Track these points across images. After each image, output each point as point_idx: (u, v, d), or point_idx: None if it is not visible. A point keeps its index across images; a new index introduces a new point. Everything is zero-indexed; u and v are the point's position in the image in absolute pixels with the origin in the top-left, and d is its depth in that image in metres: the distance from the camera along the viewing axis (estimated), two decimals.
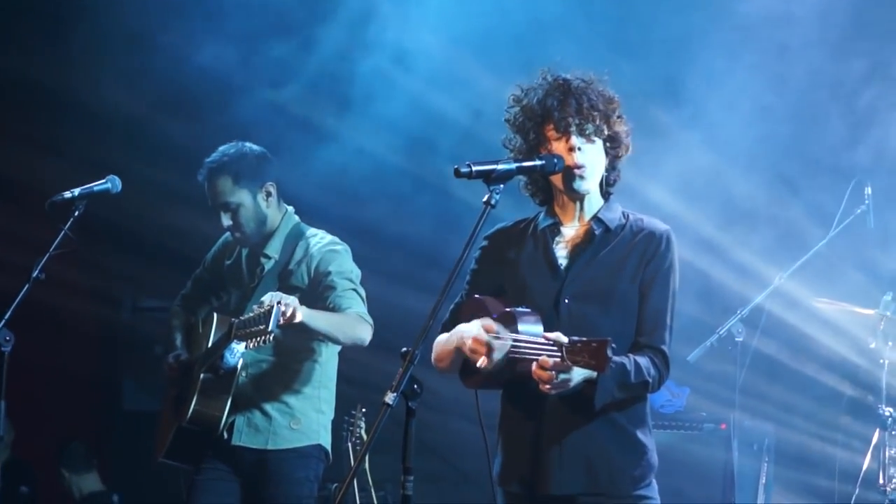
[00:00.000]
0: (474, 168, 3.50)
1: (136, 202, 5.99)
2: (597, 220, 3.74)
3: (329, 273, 4.87)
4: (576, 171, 3.67)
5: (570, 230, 3.76)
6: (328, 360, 5.01)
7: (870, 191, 6.43)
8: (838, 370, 6.96)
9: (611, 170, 3.78)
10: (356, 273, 4.96)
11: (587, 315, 3.63)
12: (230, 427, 4.90)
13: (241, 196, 4.96)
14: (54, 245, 4.62)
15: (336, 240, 5.02)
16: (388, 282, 7.14)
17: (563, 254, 3.73)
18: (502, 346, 3.50)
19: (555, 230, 3.77)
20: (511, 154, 3.74)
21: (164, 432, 5.10)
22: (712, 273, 7.03)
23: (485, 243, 3.83)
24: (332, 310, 4.81)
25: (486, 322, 3.55)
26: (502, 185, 3.52)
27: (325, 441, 5.01)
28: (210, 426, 4.86)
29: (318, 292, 4.88)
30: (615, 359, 3.38)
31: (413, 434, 3.35)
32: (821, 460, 6.96)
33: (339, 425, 6.95)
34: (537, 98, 3.69)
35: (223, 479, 4.96)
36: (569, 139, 3.67)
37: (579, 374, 3.44)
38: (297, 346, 4.93)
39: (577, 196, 3.74)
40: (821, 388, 7.07)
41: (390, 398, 3.29)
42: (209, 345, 4.92)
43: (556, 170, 3.66)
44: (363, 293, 4.93)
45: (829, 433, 7.00)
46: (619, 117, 3.73)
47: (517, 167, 3.60)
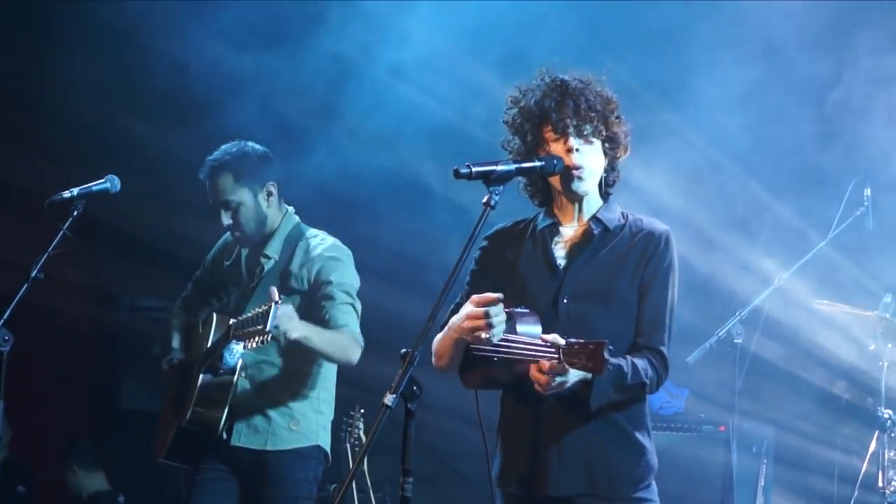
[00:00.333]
0: (474, 169, 3.49)
1: (134, 202, 5.97)
2: (595, 220, 3.74)
3: (329, 283, 4.86)
4: (574, 172, 3.67)
5: (569, 230, 3.76)
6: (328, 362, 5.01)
7: (869, 192, 6.43)
8: (837, 372, 6.96)
9: (610, 170, 3.77)
10: (355, 285, 4.96)
11: (586, 315, 3.63)
12: (229, 428, 4.90)
13: (242, 195, 4.95)
14: (53, 244, 4.61)
15: (338, 244, 5.01)
16: (388, 284, 7.15)
17: (561, 254, 3.73)
18: (498, 313, 3.47)
19: (553, 230, 3.76)
20: (510, 155, 3.73)
21: (165, 432, 5.10)
22: (711, 274, 7.03)
23: (484, 244, 3.83)
24: (327, 321, 4.81)
25: (473, 297, 3.53)
26: (502, 187, 3.51)
27: (325, 442, 5.00)
28: (210, 426, 4.86)
29: (315, 298, 4.87)
30: (611, 360, 3.37)
31: (412, 436, 3.34)
32: (820, 462, 6.96)
33: (338, 426, 6.95)
34: (535, 99, 3.68)
35: (222, 480, 4.95)
36: (567, 140, 3.66)
37: (575, 374, 3.44)
38: (297, 347, 4.93)
39: (576, 197, 3.73)
40: (820, 391, 7.07)
41: (389, 399, 3.28)
42: (208, 345, 4.92)
43: (556, 171, 3.66)
44: (359, 307, 4.94)
45: (828, 435, 7.00)
46: (617, 118, 3.72)
47: (516, 168, 3.59)
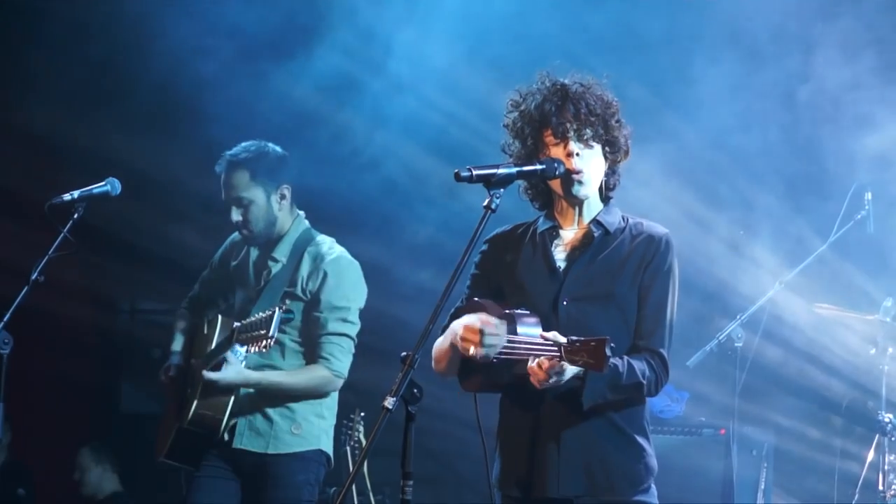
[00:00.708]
0: (475, 172, 3.49)
1: (134, 206, 5.97)
2: (596, 223, 3.74)
3: (327, 303, 4.89)
4: (574, 176, 3.67)
5: (569, 233, 3.76)
6: None
7: (870, 196, 6.43)
8: (838, 376, 6.95)
9: (610, 174, 3.77)
10: (357, 302, 4.97)
11: (586, 317, 3.63)
12: (231, 429, 4.91)
13: (255, 193, 4.96)
14: (53, 247, 4.61)
15: (346, 255, 5.02)
16: (387, 286, 7.15)
17: (561, 256, 3.73)
18: (495, 336, 3.47)
19: (554, 233, 3.76)
20: (510, 159, 3.73)
21: (166, 432, 5.10)
22: (712, 278, 7.02)
23: (484, 247, 3.83)
24: (316, 345, 4.86)
25: (482, 316, 3.53)
26: (503, 190, 3.52)
27: (327, 446, 5.01)
28: (211, 428, 4.86)
29: (311, 315, 4.90)
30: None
31: (412, 439, 3.34)
32: (820, 466, 6.95)
33: (338, 430, 6.94)
34: (535, 103, 3.68)
35: (223, 478, 4.97)
36: (567, 145, 3.66)
37: (571, 370, 3.44)
38: (306, 352, 4.94)
39: (577, 201, 3.74)
40: (820, 394, 7.07)
41: (390, 402, 3.28)
42: (212, 347, 4.92)
43: (557, 174, 3.66)
44: (354, 331, 4.95)
45: (829, 439, 6.99)
46: (617, 122, 3.72)
47: (517, 171, 3.59)
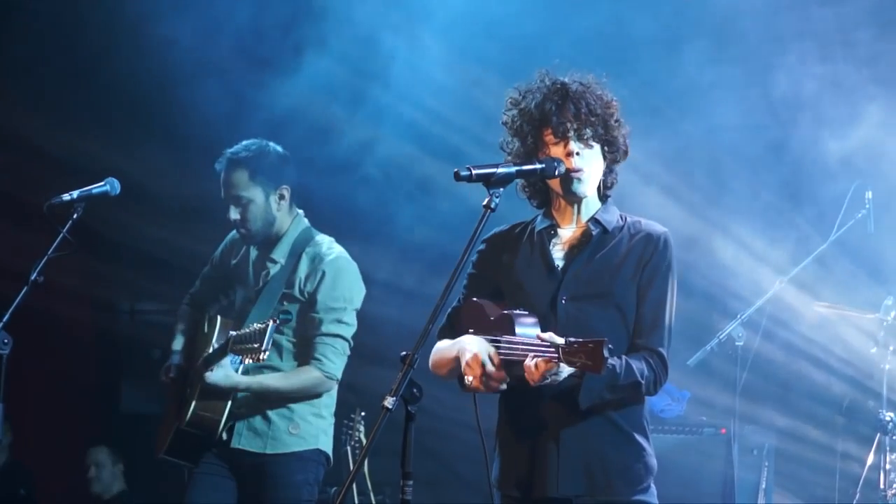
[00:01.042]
0: (474, 171, 3.49)
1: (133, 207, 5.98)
2: (594, 221, 3.74)
3: (324, 304, 4.90)
4: (574, 175, 3.67)
5: (568, 232, 3.75)
6: None
7: (870, 195, 6.43)
8: (838, 375, 6.95)
9: (608, 173, 3.77)
10: (354, 302, 4.98)
11: (584, 315, 3.63)
12: (230, 430, 4.91)
13: (255, 193, 4.96)
14: (52, 248, 4.60)
15: (344, 255, 5.02)
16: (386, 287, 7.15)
17: (559, 255, 3.72)
18: (495, 382, 3.50)
19: (552, 232, 3.76)
20: (508, 157, 3.73)
21: (166, 430, 5.11)
22: (712, 277, 7.02)
23: (482, 247, 3.82)
24: (310, 346, 4.87)
25: (491, 349, 3.53)
26: (502, 189, 3.51)
27: (325, 445, 5.01)
28: (209, 429, 4.87)
29: (307, 315, 4.92)
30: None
31: (412, 438, 3.33)
32: (821, 465, 6.95)
33: (339, 429, 6.94)
34: (535, 102, 3.67)
35: (220, 476, 4.97)
36: (567, 144, 3.66)
37: (567, 370, 3.44)
38: (300, 353, 4.93)
39: (576, 199, 3.73)
40: (821, 393, 7.06)
41: (389, 402, 3.28)
42: (211, 348, 4.92)
43: (557, 174, 3.65)
44: (349, 332, 4.96)
45: (830, 438, 6.99)
46: (617, 121, 3.72)
47: (517, 171, 3.59)
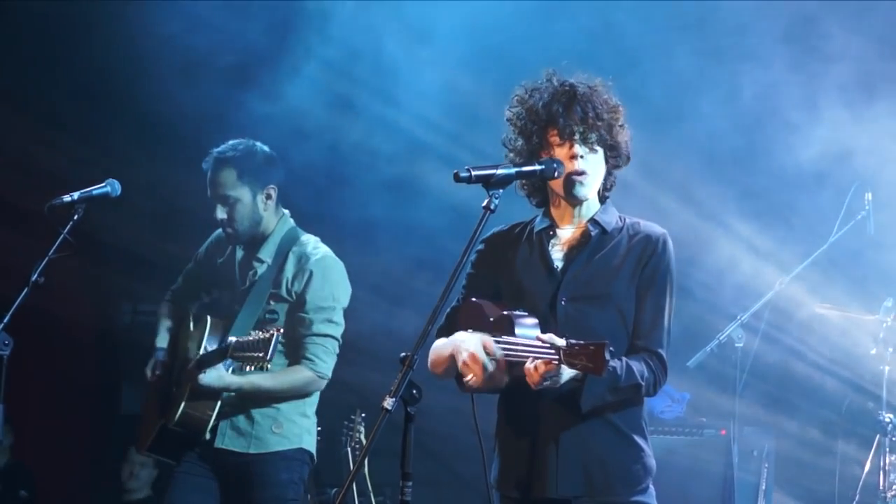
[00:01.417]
0: (474, 173, 3.49)
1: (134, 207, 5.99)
2: (593, 222, 3.74)
3: (315, 307, 4.90)
4: (576, 177, 3.68)
5: (567, 232, 3.76)
6: None
7: (870, 196, 6.43)
8: (838, 376, 6.94)
9: (608, 176, 3.78)
10: (342, 301, 4.98)
11: (584, 316, 3.63)
12: (214, 429, 4.91)
13: (242, 192, 4.96)
14: (53, 249, 4.61)
15: (330, 254, 5.02)
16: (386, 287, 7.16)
17: (559, 256, 3.73)
18: (499, 372, 3.50)
19: (551, 232, 3.77)
20: (510, 154, 3.74)
21: (149, 427, 5.10)
22: (712, 278, 7.03)
23: (481, 247, 3.83)
24: (300, 345, 4.87)
25: (486, 339, 3.53)
26: (501, 190, 3.52)
27: (309, 445, 5.02)
28: (197, 429, 4.87)
29: (296, 316, 4.92)
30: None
31: (412, 439, 3.34)
32: (821, 466, 6.94)
33: (339, 430, 6.95)
34: (543, 102, 3.68)
35: (203, 477, 4.96)
36: (572, 146, 3.67)
37: (568, 373, 3.44)
38: (290, 352, 4.95)
39: (576, 202, 3.74)
40: (821, 394, 7.06)
41: (389, 403, 3.28)
42: (201, 348, 4.91)
43: (556, 175, 3.66)
44: (339, 332, 4.96)
45: (830, 439, 6.98)
46: (621, 126, 3.73)
47: (516, 172, 3.60)
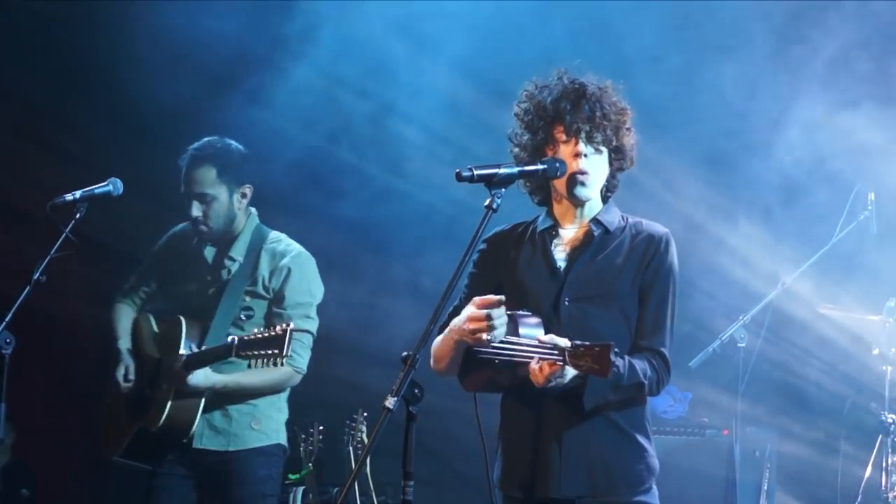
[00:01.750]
0: (476, 172, 3.49)
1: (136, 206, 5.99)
2: (596, 221, 3.74)
3: (294, 303, 4.94)
4: (579, 177, 3.67)
5: (569, 232, 3.76)
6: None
7: (873, 197, 6.42)
8: (841, 376, 6.94)
9: (611, 178, 3.78)
10: (317, 296, 5.02)
11: (587, 316, 3.63)
12: None
13: (220, 191, 4.98)
14: (55, 247, 4.61)
15: (303, 250, 5.06)
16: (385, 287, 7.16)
17: (561, 256, 3.73)
18: (500, 315, 3.47)
19: (553, 232, 3.77)
20: (515, 148, 3.74)
21: (117, 432, 5.06)
22: (715, 278, 7.02)
23: (483, 246, 3.82)
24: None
25: (475, 299, 3.52)
26: (503, 190, 3.51)
27: (284, 439, 5.06)
28: (182, 431, 4.87)
29: (276, 308, 4.95)
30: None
31: (413, 439, 3.34)
32: (823, 467, 6.94)
33: (340, 430, 6.94)
34: (551, 98, 3.68)
35: (180, 486, 4.97)
36: (577, 144, 3.67)
37: (572, 372, 3.44)
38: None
39: (578, 202, 3.74)
40: (824, 395, 7.05)
41: (391, 402, 3.28)
42: (180, 349, 4.87)
43: (558, 175, 3.66)
44: (315, 327, 4.99)
45: (832, 440, 6.97)
46: (628, 129, 3.74)
47: (519, 171, 3.59)
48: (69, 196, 4.69)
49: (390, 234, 7.58)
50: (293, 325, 4.75)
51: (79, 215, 4.68)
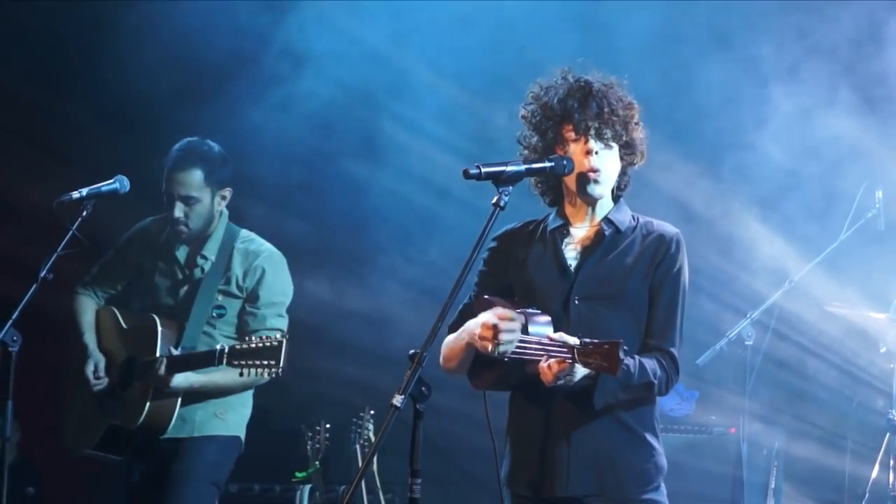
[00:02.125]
0: (483, 170, 3.48)
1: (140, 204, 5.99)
2: (607, 220, 3.73)
3: (268, 302, 4.97)
4: (590, 174, 3.66)
5: (580, 231, 3.75)
6: None
7: (880, 194, 6.41)
8: (848, 374, 6.93)
9: (622, 175, 3.77)
10: (289, 296, 5.05)
11: (597, 316, 3.62)
12: None
13: (204, 194, 5.00)
14: (62, 245, 4.61)
15: (275, 250, 5.09)
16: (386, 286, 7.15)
17: (572, 254, 3.72)
18: (511, 333, 3.47)
19: (564, 231, 3.75)
20: (525, 151, 3.73)
21: (86, 425, 5.06)
22: (722, 276, 7.01)
23: (493, 244, 3.82)
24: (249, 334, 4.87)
25: (498, 310, 3.52)
26: (511, 187, 3.50)
27: (243, 434, 5.07)
28: (160, 428, 4.88)
29: (249, 307, 4.97)
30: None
31: (421, 436, 3.33)
32: (830, 465, 6.93)
33: (348, 428, 6.95)
34: (558, 98, 3.67)
35: (155, 477, 4.98)
36: (587, 142, 3.66)
37: (581, 371, 3.44)
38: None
39: (591, 200, 3.73)
40: (831, 393, 7.05)
41: (398, 400, 3.28)
42: (162, 349, 4.87)
43: (566, 172, 3.65)
44: (286, 325, 5.00)
45: (839, 438, 6.97)
46: (636, 124, 3.72)
47: (526, 169, 3.58)
48: (76, 194, 4.70)
49: (396, 233, 7.58)
50: (269, 323, 4.87)
51: (85, 213, 4.68)
